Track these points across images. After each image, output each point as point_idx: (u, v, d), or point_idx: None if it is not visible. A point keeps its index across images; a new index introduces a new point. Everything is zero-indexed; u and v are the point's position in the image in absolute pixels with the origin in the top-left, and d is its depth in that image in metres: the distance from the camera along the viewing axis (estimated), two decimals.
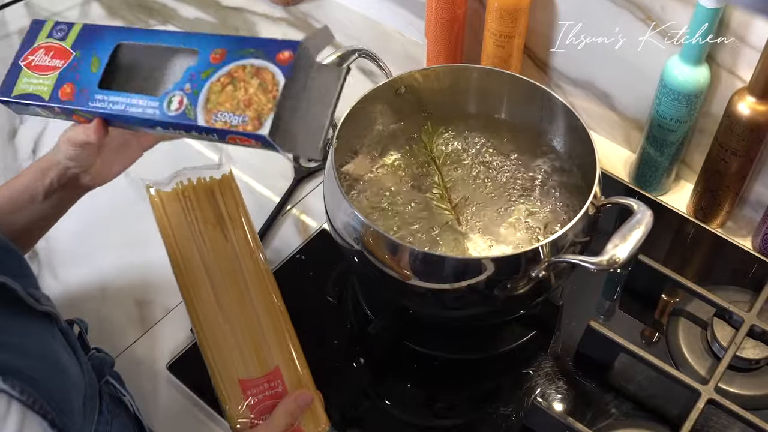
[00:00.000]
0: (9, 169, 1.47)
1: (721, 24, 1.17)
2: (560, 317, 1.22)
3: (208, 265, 1.03)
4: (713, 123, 1.26)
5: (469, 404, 1.17)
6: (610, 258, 0.95)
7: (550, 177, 1.19)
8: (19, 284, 0.81)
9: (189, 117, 0.85)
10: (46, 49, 0.96)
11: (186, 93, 0.86)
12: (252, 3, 1.79)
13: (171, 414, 1.14)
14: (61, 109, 0.93)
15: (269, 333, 1.02)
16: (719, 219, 1.32)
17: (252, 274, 1.04)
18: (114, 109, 0.90)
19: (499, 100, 1.25)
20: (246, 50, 0.85)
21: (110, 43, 0.93)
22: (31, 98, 0.94)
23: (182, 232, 1.03)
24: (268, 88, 0.82)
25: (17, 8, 1.78)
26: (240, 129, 0.82)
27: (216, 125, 0.83)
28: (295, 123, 0.84)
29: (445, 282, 1.01)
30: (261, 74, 0.83)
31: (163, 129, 0.89)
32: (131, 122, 0.91)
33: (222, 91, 0.84)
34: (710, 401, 1.06)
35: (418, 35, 1.64)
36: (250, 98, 0.82)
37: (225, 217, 1.04)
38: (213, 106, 0.84)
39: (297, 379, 1.02)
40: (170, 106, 0.86)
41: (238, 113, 0.82)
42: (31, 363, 0.76)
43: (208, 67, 0.86)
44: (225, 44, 0.87)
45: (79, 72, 0.93)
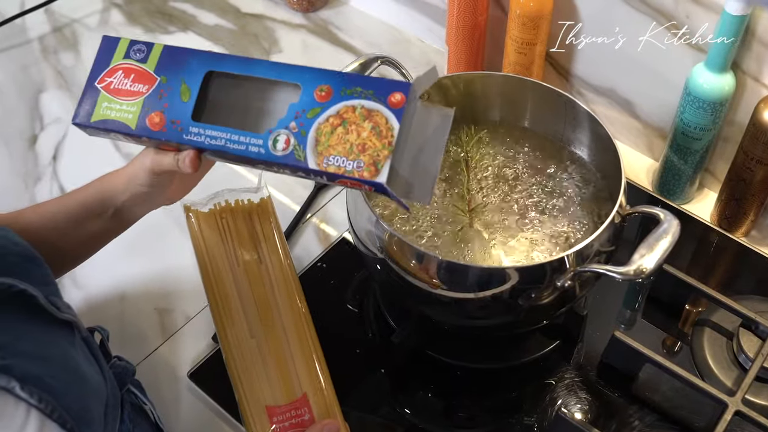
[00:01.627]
0: (29, 175, 1.47)
1: (747, 31, 1.16)
2: (584, 327, 1.21)
3: (241, 288, 1.03)
4: (738, 131, 1.25)
5: (491, 414, 1.16)
6: (637, 268, 0.94)
7: (574, 185, 1.18)
8: (41, 292, 0.80)
9: (298, 159, 0.82)
10: (125, 72, 0.91)
11: (293, 132, 0.83)
12: (272, 10, 1.79)
13: (192, 422, 1.14)
14: (150, 140, 0.90)
15: (299, 360, 1.02)
16: (744, 228, 1.31)
17: (285, 300, 1.04)
18: (213, 145, 0.86)
19: (522, 107, 1.24)
20: (354, 89, 0.83)
21: (199, 70, 0.89)
22: (115, 125, 0.90)
23: (217, 253, 1.03)
24: (382, 133, 0.80)
25: (38, 14, 1.79)
26: (355, 175, 0.80)
27: (328, 169, 0.81)
28: (409, 169, 0.82)
29: (469, 291, 1.01)
30: (373, 117, 0.81)
31: (265, 167, 0.86)
32: (230, 158, 0.88)
33: (332, 132, 0.82)
34: (737, 413, 1.05)
35: (439, 42, 1.64)
36: (363, 143, 0.80)
37: (261, 241, 1.04)
38: (324, 149, 0.81)
39: (325, 407, 1.01)
40: (276, 145, 0.83)
41: (351, 158, 0.80)
42: (51, 371, 0.76)
43: (314, 106, 0.83)
44: (329, 80, 0.84)
45: (167, 100, 0.89)
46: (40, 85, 1.64)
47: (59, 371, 0.77)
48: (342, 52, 1.69)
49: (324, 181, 0.84)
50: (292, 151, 0.82)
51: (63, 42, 1.74)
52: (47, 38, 1.75)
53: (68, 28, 1.77)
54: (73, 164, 1.48)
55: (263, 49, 1.70)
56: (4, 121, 1.58)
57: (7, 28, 1.75)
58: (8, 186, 1.46)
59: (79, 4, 1.82)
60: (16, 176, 1.48)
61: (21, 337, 0.76)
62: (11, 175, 1.48)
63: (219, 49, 1.70)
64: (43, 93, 1.63)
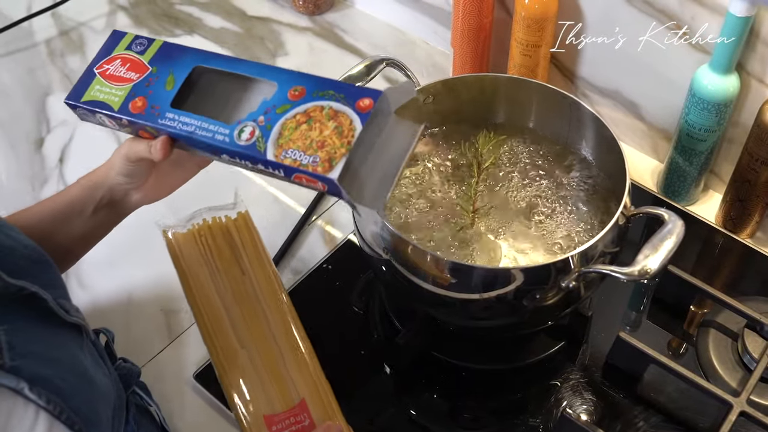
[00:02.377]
0: (36, 178, 1.48)
1: (751, 33, 1.16)
2: (589, 328, 1.21)
3: (226, 302, 1.03)
4: (743, 132, 1.25)
5: (496, 415, 1.16)
6: (642, 268, 0.94)
7: (579, 186, 1.18)
8: (50, 295, 0.81)
9: (258, 149, 0.84)
10: (122, 60, 0.96)
11: (259, 125, 0.85)
12: (277, 13, 1.80)
13: (197, 424, 1.14)
14: (128, 122, 0.93)
15: (292, 366, 1.02)
16: (749, 229, 1.31)
17: (272, 309, 1.04)
18: (183, 130, 0.89)
19: (527, 109, 1.24)
20: (326, 92, 0.85)
21: (188, 65, 0.93)
22: (100, 106, 0.94)
23: (199, 272, 1.03)
24: (343, 133, 0.81)
25: (44, 18, 1.80)
26: (309, 169, 0.81)
27: (284, 161, 0.82)
28: (365, 172, 0.83)
29: (474, 292, 1.01)
30: (338, 118, 0.82)
31: (229, 157, 0.88)
32: (197, 146, 0.90)
33: (296, 128, 0.83)
34: (742, 413, 1.05)
35: (444, 44, 1.64)
36: (324, 140, 0.81)
37: (242, 254, 1.04)
38: (284, 142, 0.83)
39: (324, 411, 1.00)
40: (241, 135, 0.86)
41: (309, 153, 0.82)
42: (60, 373, 0.76)
43: (285, 103, 0.86)
44: (305, 82, 0.86)
45: (152, 87, 0.93)
46: (47, 88, 1.65)
47: (68, 373, 0.78)
48: (347, 54, 1.69)
49: (281, 175, 0.85)
50: (254, 142, 0.85)
51: (69, 45, 1.74)
52: (54, 41, 1.75)
53: (75, 32, 1.77)
54: (79, 167, 1.47)
55: (269, 52, 1.70)
56: (11, 124, 1.58)
57: (14, 31, 1.76)
58: (15, 188, 1.47)
59: (85, 8, 1.82)
60: (23, 179, 1.48)
61: (30, 340, 0.76)
62: (18, 177, 1.49)
63: (225, 52, 1.70)
64: (50, 96, 1.63)
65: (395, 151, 0.85)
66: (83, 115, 0.99)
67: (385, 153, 0.84)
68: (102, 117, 0.95)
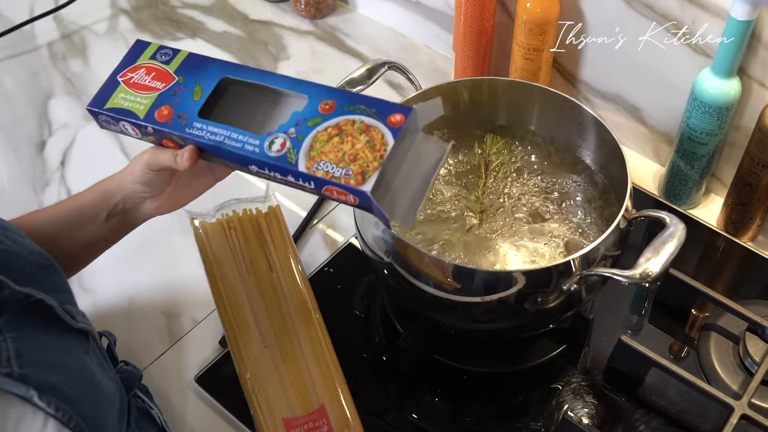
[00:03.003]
0: (38, 181, 1.48)
1: (753, 36, 1.16)
2: (590, 331, 1.21)
3: (252, 298, 1.01)
4: (744, 136, 1.25)
5: (498, 419, 1.16)
6: (643, 271, 0.94)
7: (580, 190, 1.18)
8: (56, 301, 0.81)
9: (289, 161, 0.84)
10: (147, 69, 0.95)
11: (290, 137, 0.85)
12: (279, 16, 1.80)
13: (199, 427, 1.14)
14: (154, 130, 0.92)
15: (315, 370, 1.00)
16: (750, 233, 1.31)
17: (298, 309, 1.02)
18: (211, 140, 0.88)
19: (529, 113, 1.24)
20: (357, 106, 0.85)
21: (216, 75, 0.93)
22: (125, 114, 0.93)
23: (226, 264, 1.02)
24: (376, 147, 0.81)
25: (46, 21, 1.80)
26: (341, 182, 0.81)
27: (317, 173, 0.82)
28: (396, 187, 0.83)
29: (475, 295, 1.01)
30: (370, 132, 0.82)
31: (257, 168, 0.87)
32: (225, 156, 0.89)
33: (328, 141, 0.83)
34: (744, 417, 1.05)
35: (446, 48, 1.64)
36: (356, 153, 0.81)
37: (271, 250, 1.03)
38: (316, 155, 0.83)
39: (344, 418, 1.00)
40: (272, 146, 0.85)
41: (341, 165, 0.81)
42: (67, 380, 0.76)
43: (316, 116, 0.85)
44: (336, 97, 0.86)
45: (179, 97, 0.92)
46: (49, 91, 1.65)
47: (75, 380, 0.78)
48: (349, 58, 1.69)
49: (311, 188, 0.84)
50: (285, 154, 0.84)
51: (71, 48, 1.74)
52: (56, 45, 1.76)
53: (77, 35, 1.78)
54: (81, 170, 1.48)
55: (271, 56, 1.70)
56: (13, 127, 1.59)
57: (16, 34, 1.76)
58: (17, 192, 1.47)
59: (87, 11, 1.82)
60: (25, 182, 1.48)
61: (38, 347, 0.76)
62: (20, 180, 1.49)
63: (227, 56, 1.71)
64: (52, 99, 1.64)
65: (424, 167, 0.85)
66: (105, 123, 0.97)
67: (414, 169, 0.84)
68: (126, 125, 0.94)
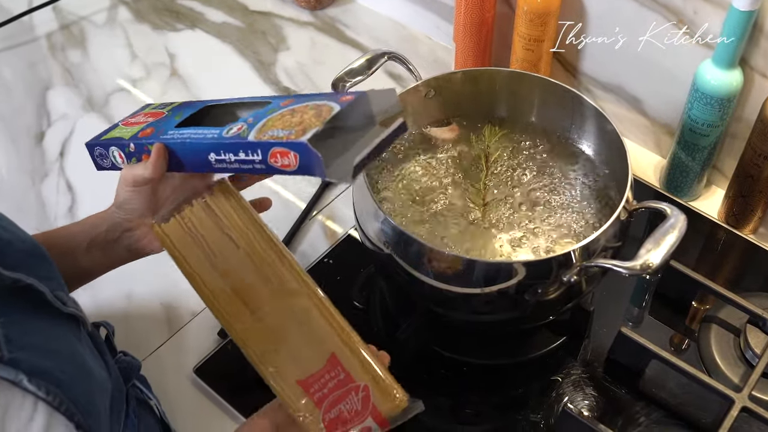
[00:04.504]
0: (36, 171, 1.47)
1: (755, 27, 1.16)
2: (590, 323, 1.21)
3: (230, 279, 1.00)
4: (746, 127, 1.24)
5: (498, 410, 1.15)
6: (644, 263, 0.94)
7: (581, 181, 1.18)
8: (47, 287, 0.80)
9: (241, 137, 0.87)
10: (145, 114, 1.05)
11: (247, 123, 0.89)
12: (279, 7, 1.79)
13: (198, 417, 1.14)
14: (135, 146, 0.97)
15: (318, 324, 0.98)
16: (751, 225, 1.31)
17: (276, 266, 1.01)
18: (178, 138, 0.93)
19: (530, 103, 1.24)
20: (315, 98, 0.89)
21: (199, 106, 1.01)
22: (115, 141, 1.00)
23: (194, 257, 1.01)
24: (322, 115, 0.84)
25: (45, 12, 1.79)
26: (283, 140, 0.83)
27: (263, 138, 0.85)
28: (336, 144, 0.85)
29: (475, 286, 1.01)
30: (320, 108, 0.86)
31: (215, 156, 0.90)
32: (189, 153, 0.93)
33: (280, 119, 0.87)
34: (744, 409, 1.05)
35: (446, 39, 1.64)
36: (302, 120, 0.85)
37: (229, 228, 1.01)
38: (266, 128, 0.87)
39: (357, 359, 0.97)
40: (229, 132, 0.90)
41: (286, 128, 0.85)
42: (58, 364, 0.76)
43: (275, 108, 0.91)
44: (295, 96, 0.92)
45: (162, 120, 1.00)
46: (48, 82, 1.65)
47: (66, 365, 0.77)
48: (349, 49, 1.69)
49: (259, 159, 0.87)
50: (239, 134, 0.88)
51: (70, 39, 1.74)
52: (55, 35, 1.75)
53: (76, 26, 1.77)
54: (80, 161, 1.47)
55: (271, 47, 1.70)
56: (12, 118, 1.58)
57: (15, 25, 1.75)
58: (15, 183, 1.47)
59: (86, 2, 1.82)
60: (23, 173, 1.48)
61: (28, 332, 0.76)
62: (18, 171, 1.48)
63: (226, 47, 1.71)
64: (50, 90, 1.63)
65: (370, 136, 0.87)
66: (99, 158, 1.04)
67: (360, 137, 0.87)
68: (114, 150, 1.00)
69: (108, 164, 1.02)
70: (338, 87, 1.15)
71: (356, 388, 0.96)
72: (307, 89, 1.61)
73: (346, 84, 1.15)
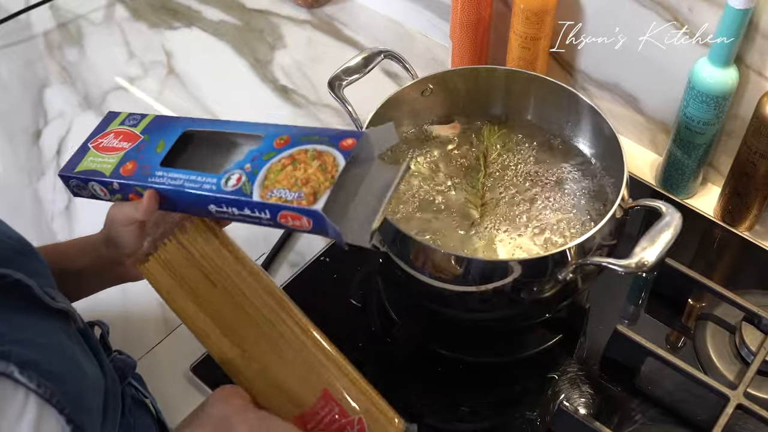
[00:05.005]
0: (34, 170, 1.47)
1: (751, 25, 1.16)
2: (586, 321, 1.21)
3: (214, 317, 0.98)
4: (741, 125, 1.25)
5: (494, 408, 1.15)
6: (639, 261, 0.94)
7: (577, 179, 1.18)
8: (35, 282, 0.80)
9: (245, 192, 0.84)
10: (116, 134, 0.98)
11: (246, 171, 0.86)
12: (276, 5, 1.79)
13: None
14: (119, 186, 0.93)
15: (308, 357, 0.96)
16: (747, 222, 1.31)
17: (262, 302, 0.98)
18: (172, 185, 0.89)
19: (526, 102, 1.24)
20: (311, 137, 0.86)
21: (178, 130, 0.95)
22: (93, 174, 0.95)
23: (179, 295, 0.99)
24: (327, 169, 0.82)
25: (42, 10, 1.79)
26: (294, 204, 0.81)
27: (270, 200, 0.83)
28: (349, 206, 0.84)
29: (471, 284, 1.01)
30: (322, 157, 0.83)
31: (216, 207, 0.88)
32: (185, 200, 0.90)
33: (282, 170, 0.84)
34: (739, 406, 1.05)
35: (442, 37, 1.64)
36: (308, 177, 0.82)
37: (203, 265, 0.99)
38: (270, 183, 0.84)
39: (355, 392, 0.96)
40: (228, 182, 0.86)
41: (294, 190, 0.82)
42: (49, 358, 0.76)
43: (271, 150, 0.87)
44: (290, 132, 0.88)
45: (143, 152, 0.94)
46: (44, 80, 1.65)
47: (57, 358, 0.77)
48: (346, 47, 1.69)
49: (267, 218, 0.85)
50: (240, 187, 0.85)
51: (67, 38, 1.74)
52: (52, 34, 1.75)
53: (73, 24, 1.77)
54: None
55: (268, 45, 1.70)
56: (9, 117, 1.58)
57: (12, 23, 1.75)
58: (12, 181, 1.47)
59: (83, 0, 1.82)
60: (20, 171, 1.48)
61: (17, 327, 0.76)
62: (15, 170, 1.48)
63: (224, 45, 1.71)
64: (47, 88, 1.63)
65: (378, 188, 0.86)
66: (76, 189, 0.99)
67: (369, 191, 0.85)
68: (94, 185, 0.96)
69: (87, 194, 0.99)
70: (334, 86, 1.15)
71: (351, 423, 0.95)
72: (304, 87, 1.61)
73: (343, 83, 1.15)
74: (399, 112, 1.21)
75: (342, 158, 0.82)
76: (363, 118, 1.14)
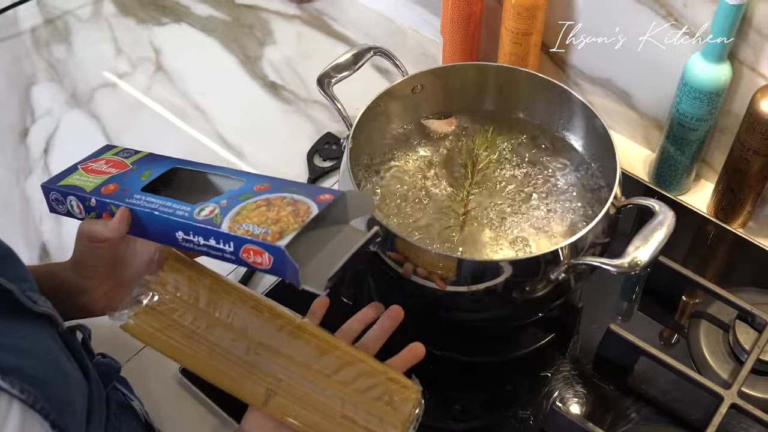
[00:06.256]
0: (21, 169, 1.46)
1: (744, 21, 1.15)
2: (579, 320, 1.20)
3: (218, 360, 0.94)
4: (735, 121, 1.24)
5: (487, 408, 1.15)
6: (632, 260, 0.93)
7: (569, 176, 1.17)
8: (17, 287, 0.79)
9: (214, 223, 0.86)
10: (107, 161, 1.02)
11: (220, 206, 0.88)
12: (266, 1, 1.78)
13: (185, 419, 1.13)
14: (96, 202, 0.94)
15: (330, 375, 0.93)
16: (741, 219, 1.30)
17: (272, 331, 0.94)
18: (146, 207, 0.91)
19: (517, 98, 1.23)
20: (290, 188, 0.89)
21: (167, 165, 0.99)
22: (74, 189, 0.97)
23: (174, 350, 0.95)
24: (299, 214, 0.84)
25: (29, 6, 1.78)
26: (259, 238, 0.82)
27: (237, 232, 0.84)
28: (312, 251, 0.85)
29: (462, 284, 1.00)
30: (297, 204, 0.86)
31: (183, 235, 0.89)
32: (156, 224, 0.91)
33: (256, 209, 0.86)
34: (733, 406, 1.04)
35: (433, 33, 1.63)
36: (279, 218, 0.84)
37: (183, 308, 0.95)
38: (241, 218, 0.86)
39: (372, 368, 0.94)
40: (201, 212, 0.88)
41: (263, 226, 0.84)
42: (32, 363, 0.75)
43: (249, 192, 0.90)
44: (272, 181, 0.91)
45: (128, 177, 0.97)
46: (32, 77, 1.63)
47: (40, 363, 0.77)
48: (336, 42, 1.68)
49: (230, 251, 0.86)
50: (211, 218, 0.87)
51: (55, 34, 1.72)
52: (39, 30, 1.73)
53: (60, 20, 1.75)
54: (64, 157, 1.46)
55: (257, 40, 1.69)
56: None
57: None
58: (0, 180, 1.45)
59: None
60: (8, 170, 1.47)
61: (0, 332, 0.75)
62: (2, 168, 1.47)
63: (213, 40, 1.70)
64: (35, 86, 1.62)
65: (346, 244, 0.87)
66: (54, 202, 1.00)
67: (336, 249, 0.86)
68: (72, 200, 0.97)
69: (63, 210, 0.99)
70: (324, 83, 1.14)
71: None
72: (294, 83, 1.59)
73: (332, 80, 1.14)
74: (389, 109, 1.20)
75: (316, 208, 0.85)
76: (352, 115, 1.13)
